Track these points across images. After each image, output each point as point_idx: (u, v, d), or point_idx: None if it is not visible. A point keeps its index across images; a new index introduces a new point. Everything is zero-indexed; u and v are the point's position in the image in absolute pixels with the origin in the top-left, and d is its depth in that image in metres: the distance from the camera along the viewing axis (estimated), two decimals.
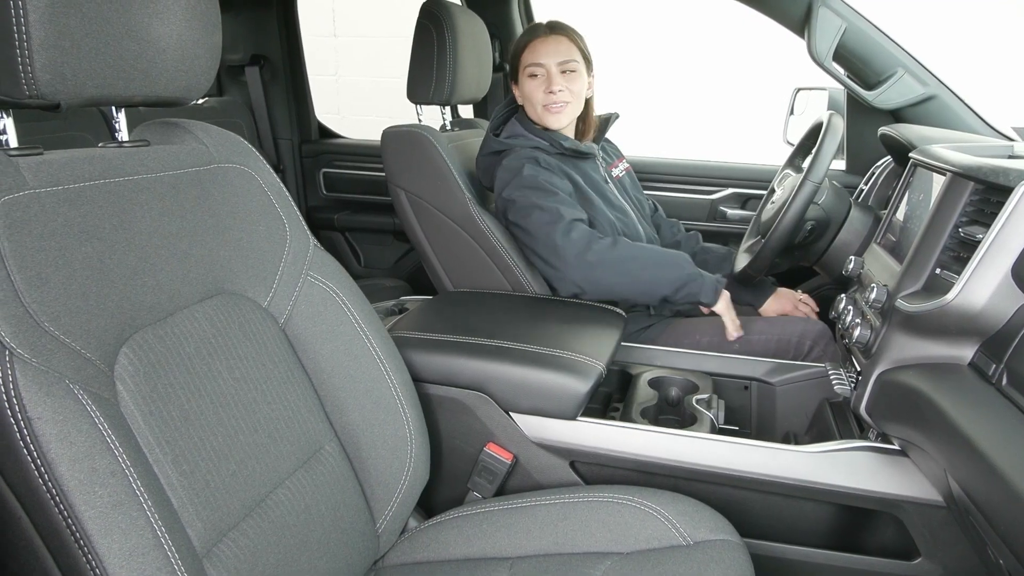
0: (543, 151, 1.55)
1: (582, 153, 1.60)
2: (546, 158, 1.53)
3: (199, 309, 0.81)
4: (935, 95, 1.69)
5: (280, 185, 0.99)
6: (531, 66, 1.55)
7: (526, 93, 1.57)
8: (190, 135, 0.90)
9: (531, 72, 1.55)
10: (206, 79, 0.86)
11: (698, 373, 1.34)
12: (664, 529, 0.95)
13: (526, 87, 1.57)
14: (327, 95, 4.39)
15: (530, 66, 1.55)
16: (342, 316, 0.98)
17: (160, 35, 0.77)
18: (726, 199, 2.15)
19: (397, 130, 1.60)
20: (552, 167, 1.52)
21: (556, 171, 1.52)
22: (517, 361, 1.10)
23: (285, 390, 0.88)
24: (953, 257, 0.93)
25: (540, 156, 1.53)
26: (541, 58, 1.54)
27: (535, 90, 1.55)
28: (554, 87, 1.54)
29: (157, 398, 0.71)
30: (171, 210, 0.81)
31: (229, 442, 0.78)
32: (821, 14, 1.64)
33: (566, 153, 1.58)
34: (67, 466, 0.58)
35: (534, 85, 1.55)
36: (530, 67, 1.55)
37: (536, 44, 1.55)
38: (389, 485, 0.99)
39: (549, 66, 1.54)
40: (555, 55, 1.54)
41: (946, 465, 0.84)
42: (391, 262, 2.62)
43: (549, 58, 1.54)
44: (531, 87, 1.56)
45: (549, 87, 1.54)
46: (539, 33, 1.56)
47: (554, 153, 1.57)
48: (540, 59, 1.54)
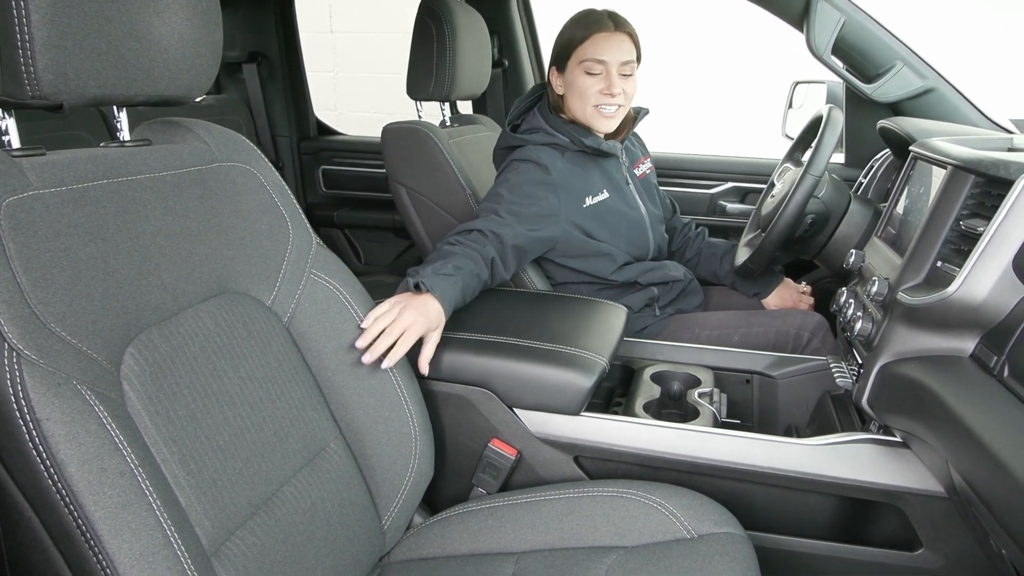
0: (561, 148, 1.48)
1: (603, 153, 1.52)
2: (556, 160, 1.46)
3: (203, 308, 0.81)
4: (933, 88, 1.69)
5: (282, 183, 0.99)
6: (590, 61, 1.43)
7: (579, 88, 1.45)
8: (192, 134, 0.90)
9: (589, 68, 1.44)
10: (207, 78, 0.86)
11: (700, 367, 1.35)
12: (668, 523, 0.96)
13: (580, 82, 1.45)
14: (324, 91, 4.39)
15: (589, 61, 1.43)
16: (345, 314, 0.98)
17: (162, 34, 0.77)
18: (725, 193, 2.15)
19: (397, 127, 1.60)
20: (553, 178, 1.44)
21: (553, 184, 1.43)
22: (521, 357, 1.10)
23: (290, 388, 0.89)
24: (954, 250, 0.93)
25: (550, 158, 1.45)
26: (604, 54, 1.43)
27: (590, 87, 1.45)
28: (614, 89, 1.44)
29: (163, 398, 0.71)
30: (174, 209, 0.81)
31: (235, 441, 0.78)
32: (820, 8, 1.64)
33: (587, 151, 1.50)
34: (76, 467, 0.59)
35: (590, 82, 1.44)
36: (589, 62, 1.43)
37: (599, 38, 1.43)
38: (394, 482, 0.99)
39: (611, 65, 1.44)
40: (619, 53, 1.44)
41: (948, 456, 0.84)
42: (391, 258, 2.62)
43: (612, 55, 1.43)
44: (587, 83, 1.45)
45: (609, 88, 1.44)
46: (604, 27, 1.44)
47: (574, 150, 1.50)
48: (603, 55, 1.43)
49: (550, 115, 1.52)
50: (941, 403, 0.83)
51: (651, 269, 1.58)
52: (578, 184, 1.49)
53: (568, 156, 1.49)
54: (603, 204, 1.51)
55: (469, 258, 1.23)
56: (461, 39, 1.65)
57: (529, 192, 1.41)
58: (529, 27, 2.30)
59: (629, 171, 1.63)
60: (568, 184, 1.46)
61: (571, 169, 1.48)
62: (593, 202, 1.50)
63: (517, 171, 1.44)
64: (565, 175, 1.46)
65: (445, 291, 1.12)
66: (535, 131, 1.51)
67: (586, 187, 1.50)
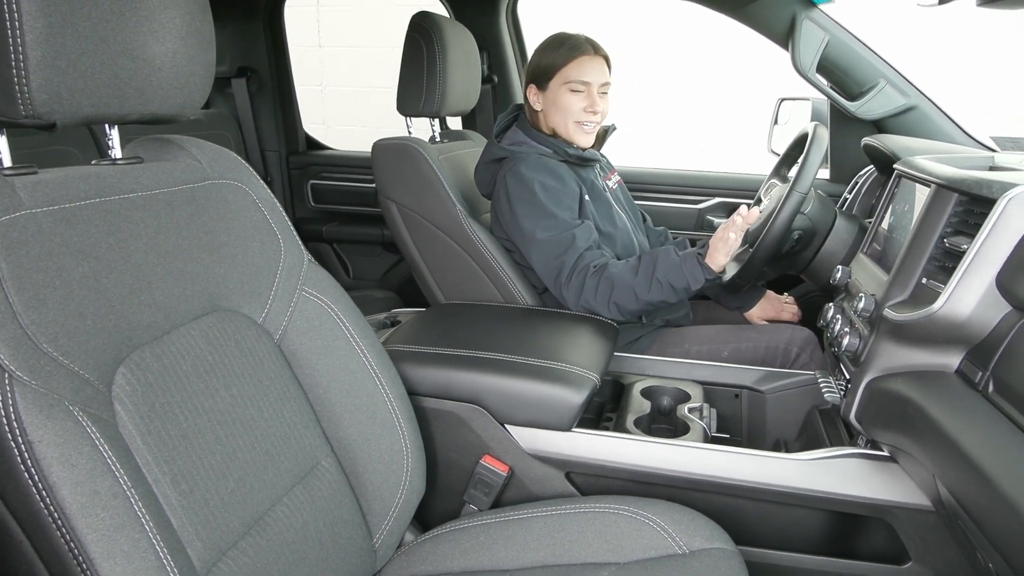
0: (546, 157, 1.55)
1: (585, 160, 1.61)
2: (554, 164, 1.53)
3: (195, 327, 0.81)
4: (915, 106, 1.73)
5: (274, 200, 0.99)
6: (575, 82, 1.54)
7: (562, 105, 1.56)
8: (184, 151, 0.90)
9: (573, 87, 1.54)
10: (201, 95, 0.86)
11: (689, 382, 1.36)
12: (660, 539, 0.96)
13: (564, 99, 1.55)
14: (312, 105, 4.40)
15: (574, 81, 1.54)
16: (337, 331, 0.98)
17: (155, 53, 0.77)
18: (713, 208, 2.17)
19: (388, 143, 1.60)
20: (562, 174, 1.52)
21: (567, 176, 1.53)
22: (512, 373, 1.11)
23: (282, 406, 0.88)
24: (938, 267, 0.94)
25: (549, 162, 1.53)
26: (587, 76, 1.54)
27: (574, 104, 1.55)
28: (596, 107, 1.55)
29: (155, 417, 0.71)
30: (166, 227, 0.81)
31: (227, 460, 0.78)
32: (805, 27, 1.68)
33: (570, 160, 1.59)
34: (69, 489, 0.58)
35: (574, 99, 1.55)
36: (573, 82, 1.54)
37: (583, 61, 1.54)
38: (386, 499, 0.99)
39: (593, 85, 1.54)
40: (599, 75, 1.55)
41: (935, 471, 0.85)
42: (380, 273, 2.62)
43: (594, 77, 1.54)
44: (571, 101, 1.55)
45: (592, 106, 1.55)
46: (585, 51, 1.55)
47: (557, 159, 1.57)
48: (586, 77, 1.54)
49: (530, 129, 1.61)
50: (928, 418, 0.84)
51: None
52: (573, 189, 1.55)
53: (557, 166, 1.55)
54: (591, 206, 1.58)
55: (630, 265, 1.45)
56: (451, 55, 1.66)
57: (561, 189, 1.50)
58: (518, 43, 2.32)
59: (604, 182, 1.71)
60: (570, 176, 1.55)
61: (566, 171, 1.55)
62: (586, 198, 1.58)
63: (533, 183, 1.49)
64: (566, 170, 1.55)
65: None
66: (520, 144, 1.58)
67: (577, 188, 1.57)
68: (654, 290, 1.40)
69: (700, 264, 1.40)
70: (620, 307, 1.42)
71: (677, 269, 1.40)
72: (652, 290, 1.40)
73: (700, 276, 1.40)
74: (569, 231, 1.46)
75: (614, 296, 1.41)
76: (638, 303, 1.41)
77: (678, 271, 1.40)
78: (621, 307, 1.42)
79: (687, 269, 1.40)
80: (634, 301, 1.41)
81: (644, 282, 1.40)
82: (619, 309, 1.42)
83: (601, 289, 1.41)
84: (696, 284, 1.40)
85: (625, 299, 1.41)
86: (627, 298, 1.41)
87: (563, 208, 1.48)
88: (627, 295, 1.41)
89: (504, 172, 1.54)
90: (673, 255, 1.42)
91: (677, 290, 1.40)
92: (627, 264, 1.45)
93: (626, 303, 1.41)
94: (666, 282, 1.39)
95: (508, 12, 2.25)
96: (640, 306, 1.42)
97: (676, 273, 1.40)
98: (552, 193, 1.48)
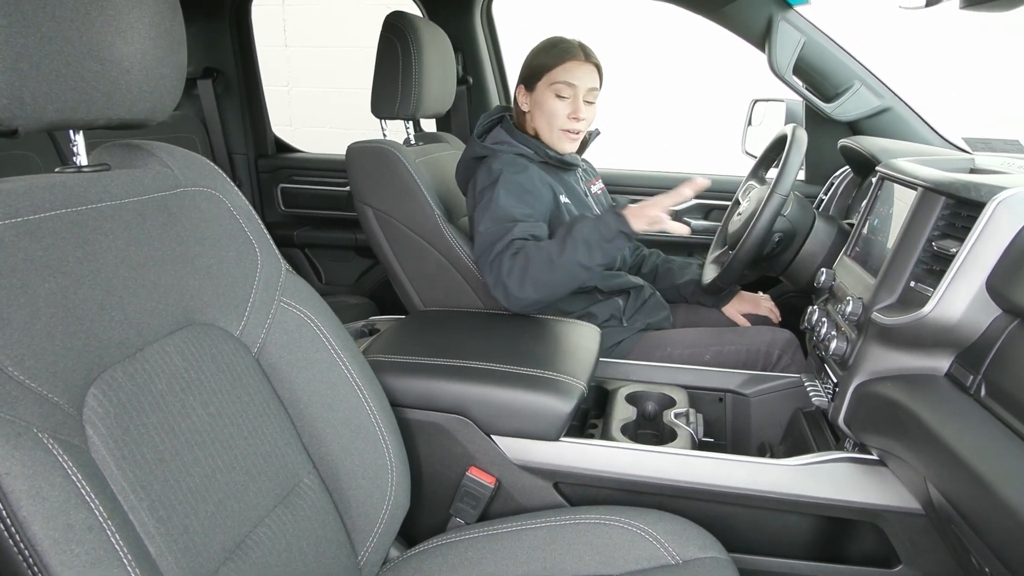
0: (527, 159, 1.54)
1: (566, 164, 1.60)
2: (529, 165, 1.51)
3: (169, 342, 0.77)
4: (890, 107, 1.74)
5: (249, 208, 0.95)
6: (562, 84, 1.50)
7: (548, 109, 1.53)
8: (154, 158, 0.86)
9: (559, 91, 1.51)
10: (171, 99, 0.82)
11: (673, 387, 1.34)
12: (652, 549, 0.94)
13: (549, 103, 1.52)
14: (279, 106, 4.32)
15: (561, 83, 1.50)
16: (317, 343, 0.95)
17: (124, 54, 0.73)
18: (690, 210, 2.17)
19: (363, 146, 1.56)
20: (534, 174, 1.50)
21: (538, 179, 1.50)
22: (498, 383, 1.08)
23: (261, 423, 0.85)
24: (926, 270, 0.94)
25: (523, 162, 1.51)
26: (575, 79, 1.50)
27: (559, 110, 1.52)
28: (580, 114, 1.52)
29: (129, 440, 0.67)
30: (137, 239, 0.77)
31: (206, 482, 0.74)
32: (781, 28, 1.68)
33: (550, 163, 1.57)
34: (41, 524, 0.54)
35: (560, 105, 1.52)
36: (560, 84, 1.50)
37: (571, 65, 1.51)
38: (370, 515, 0.96)
39: (579, 89, 1.51)
40: (587, 80, 1.52)
41: (928, 475, 0.85)
42: (353, 278, 2.57)
43: (581, 81, 1.51)
44: (556, 106, 1.52)
45: (575, 113, 1.52)
46: (575, 55, 1.51)
47: (538, 161, 1.56)
48: (573, 80, 1.50)
49: (514, 130, 1.59)
50: (919, 422, 0.84)
51: (611, 277, 1.62)
52: (544, 191, 1.53)
53: (533, 164, 1.54)
54: (571, 208, 1.56)
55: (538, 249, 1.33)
56: (426, 56, 1.63)
57: (529, 188, 1.46)
58: (493, 44, 2.30)
59: (586, 187, 1.70)
60: (544, 180, 1.53)
61: (540, 174, 1.53)
62: (564, 202, 1.56)
63: (504, 178, 1.46)
64: (539, 173, 1.53)
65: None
66: (501, 144, 1.56)
67: (556, 189, 1.56)
68: (568, 250, 1.29)
69: (616, 215, 1.30)
70: (536, 281, 1.30)
71: (592, 225, 1.31)
72: (567, 250, 1.29)
73: (614, 227, 1.29)
74: (512, 222, 1.38)
75: (530, 270, 1.30)
76: (552, 270, 1.29)
77: (593, 226, 1.30)
78: (537, 281, 1.30)
79: (603, 222, 1.30)
80: (548, 268, 1.29)
81: (558, 245, 1.30)
82: (534, 285, 1.30)
83: (517, 265, 1.31)
84: (609, 235, 1.29)
85: (539, 269, 1.29)
86: (541, 267, 1.29)
87: (521, 205, 1.42)
88: (542, 265, 1.29)
89: (479, 167, 1.52)
90: (588, 216, 1.35)
91: (591, 245, 1.29)
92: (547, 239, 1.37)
93: (540, 273, 1.29)
94: (581, 239, 1.29)
95: (483, 12, 2.23)
96: (556, 275, 1.29)
97: (590, 227, 1.30)
98: (513, 190, 1.44)
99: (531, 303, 1.33)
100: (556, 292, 1.33)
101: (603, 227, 1.30)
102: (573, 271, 1.30)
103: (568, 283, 1.32)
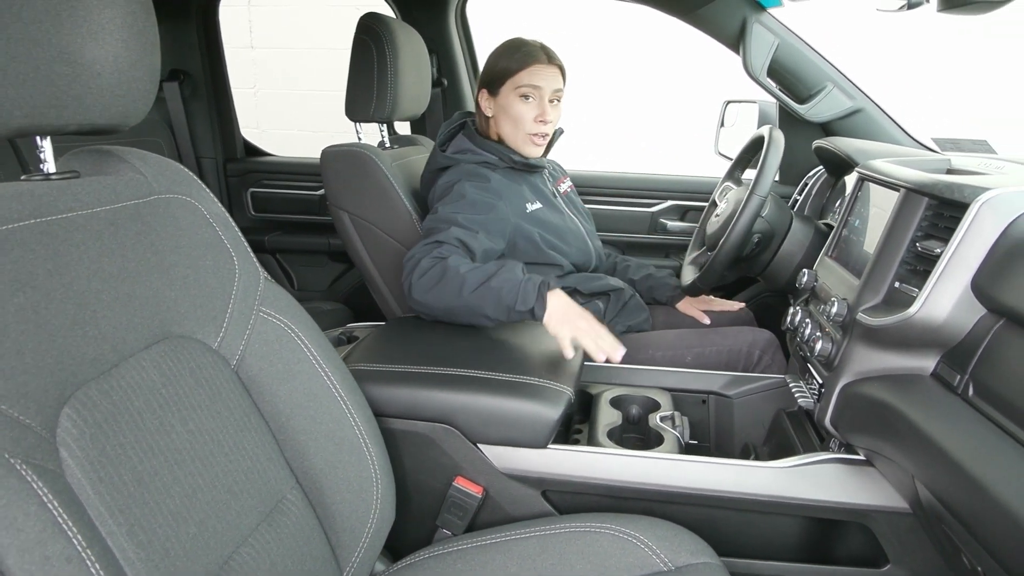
0: (491, 165, 1.52)
1: (532, 167, 1.58)
2: (491, 174, 1.49)
3: (146, 357, 0.74)
4: (861, 108, 1.77)
5: (226, 215, 0.92)
6: (527, 87, 1.49)
7: (514, 113, 1.51)
8: (125, 164, 0.83)
9: (525, 93, 1.49)
10: (145, 103, 0.79)
11: (657, 389, 1.34)
12: (645, 556, 0.93)
13: (515, 108, 1.51)
14: (246, 109, 4.25)
15: (526, 87, 1.49)
16: (299, 353, 0.92)
17: (95, 58, 0.70)
18: (666, 211, 2.17)
19: (338, 150, 1.53)
20: (495, 185, 1.47)
21: (495, 192, 1.46)
22: (484, 390, 1.06)
23: (243, 438, 0.82)
24: (910, 271, 0.95)
25: (485, 172, 1.49)
26: (540, 82, 1.49)
27: (525, 113, 1.51)
28: (547, 116, 1.51)
29: (106, 462, 0.64)
30: (110, 249, 0.74)
31: (187, 503, 0.71)
32: (755, 31, 1.69)
33: (515, 167, 1.56)
34: (16, 557, 0.51)
35: (526, 108, 1.50)
36: (525, 87, 1.49)
37: (536, 68, 1.49)
38: (355, 530, 0.93)
39: (544, 91, 1.50)
40: (552, 82, 1.51)
41: (918, 475, 0.85)
42: (326, 284, 2.53)
43: (546, 83, 1.50)
44: (522, 109, 1.50)
45: (542, 115, 1.51)
46: (539, 58, 1.50)
47: (503, 167, 1.54)
48: (538, 82, 1.49)
49: (476, 136, 1.57)
50: (909, 422, 0.84)
51: (590, 279, 1.61)
52: (515, 192, 1.53)
53: (499, 172, 1.53)
54: (540, 212, 1.55)
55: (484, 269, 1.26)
56: (402, 58, 1.60)
57: (478, 200, 1.42)
58: (467, 46, 2.28)
59: (554, 187, 1.69)
60: (507, 192, 1.50)
61: (504, 182, 1.51)
62: (532, 208, 1.54)
63: (460, 187, 1.44)
64: (503, 184, 1.50)
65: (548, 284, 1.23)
66: (464, 152, 1.54)
67: (523, 196, 1.54)
68: (480, 292, 1.21)
69: (539, 294, 1.20)
70: (439, 298, 1.23)
71: (514, 284, 1.21)
72: (479, 292, 1.21)
73: (531, 302, 1.19)
74: (448, 224, 1.34)
75: (440, 285, 1.23)
76: (458, 299, 1.22)
77: (513, 286, 1.21)
78: (440, 298, 1.23)
79: (524, 289, 1.21)
80: (455, 295, 1.22)
81: (475, 281, 1.22)
82: (437, 299, 1.23)
83: (433, 272, 1.24)
84: (522, 307, 1.20)
85: (447, 290, 1.22)
86: (450, 290, 1.22)
87: (467, 212, 1.38)
88: (452, 288, 1.22)
89: (439, 179, 1.50)
90: (519, 270, 1.26)
91: (501, 303, 1.21)
92: (473, 263, 1.29)
93: (445, 294, 1.23)
94: (496, 289, 1.21)
95: (457, 13, 2.21)
96: (458, 303, 1.22)
97: (511, 286, 1.21)
98: (464, 203, 1.39)
99: (426, 312, 1.29)
100: (453, 318, 1.27)
101: (522, 295, 1.20)
102: (473, 312, 1.24)
103: (465, 318, 1.26)
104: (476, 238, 1.35)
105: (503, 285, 1.21)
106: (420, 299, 1.26)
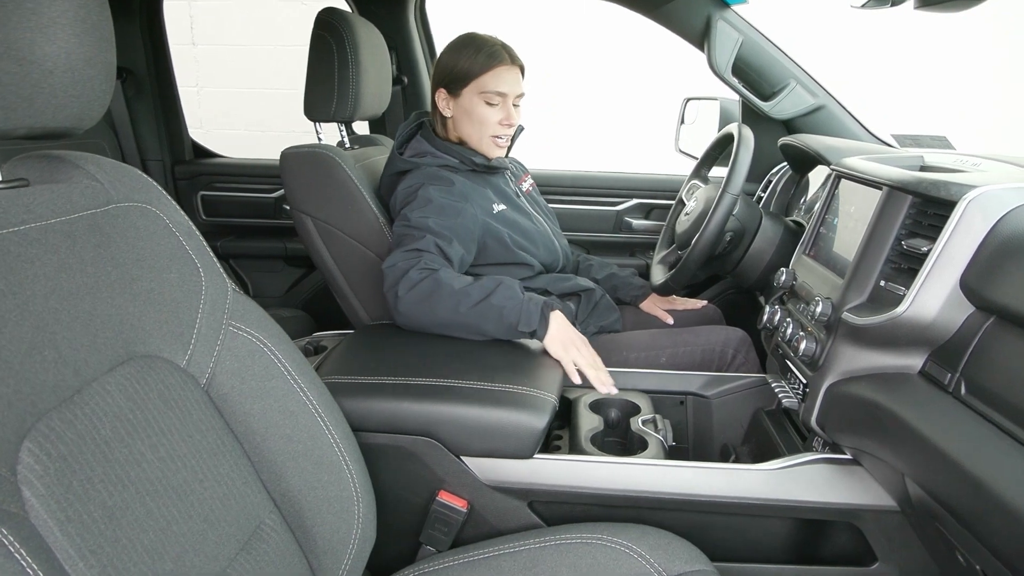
0: (452, 168, 1.48)
1: (494, 168, 1.55)
2: (453, 176, 1.45)
3: (110, 380, 0.67)
4: (823, 105, 1.78)
5: (189, 223, 0.86)
6: (492, 93, 1.45)
7: (478, 117, 1.47)
8: (79, 170, 0.76)
9: (490, 99, 1.46)
10: (101, 104, 0.72)
11: (635, 392, 1.32)
12: (639, 566, 0.91)
13: (479, 111, 1.47)
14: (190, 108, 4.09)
15: (491, 93, 1.45)
16: (272, 369, 0.87)
17: (46, 55, 0.64)
18: (631, 210, 2.16)
19: (298, 151, 1.47)
20: (458, 188, 1.44)
21: (460, 194, 1.43)
22: (466, 401, 1.02)
23: (216, 463, 0.76)
24: (896, 269, 0.95)
25: (446, 175, 1.45)
26: (505, 87, 1.46)
27: (490, 117, 1.47)
28: (512, 120, 1.49)
29: (73, 499, 0.58)
30: (68, 264, 0.67)
31: (162, 537, 0.65)
32: (720, 28, 1.69)
33: (476, 169, 1.52)
34: None
35: (491, 112, 1.47)
36: (490, 94, 1.45)
37: (502, 71, 1.45)
38: (337, 552, 0.88)
39: (509, 97, 1.47)
40: (516, 86, 1.48)
41: (910, 473, 0.85)
42: (283, 290, 2.44)
43: (511, 88, 1.47)
44: (487, 113, 1.47)
45: (507, 119, 1.48)
46: (503, 60, 1.46)
47: (465, 170, 1.50)
48: (504, 88, 1.46)
49: (435, 138, 1.52)
50: (901, 422, 0.84)
51: (560, 280, 1.59)
52: (480, 195, 1.49)
53: (461, 174, 1.49)
54: (505, 213, 1.52)
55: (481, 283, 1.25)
56: (363, 55, 1.54)
57: (446, 204, 1.38)
58: (428, 43, 2.23)
59: (516, 186, 1.66)
60: (472, 194, 1.47)
61: (468, 184, 1.48)
62: (499, 210, 1.51)
63: (425, 191, 1.40)
64: (467, 186, 1.47)
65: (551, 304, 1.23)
66: (423, 155, 1.50)
67: (487, 198, 1.51)
68: (479, 310, 1.20)
69: (543, 315, 1.21)
70: (432, 312, 1.21)
71: (517, 303, 1.21)
72: (478, 308, 1.20)
73: (534, 323, 1.20)
74: (423, 231, 1.31)
75: (433, 300, 1.21)
76: (454, 315, 1.20)
77: (516, 305, 1.21)
78: (433, 313, 1.21)
79: (527, 309, 1.21)
80: (451, 311, 1.20)
81: (475, 298, 1.20)
82: (429, 314, 1.21)
83: (423, 286, 1.21)
84: (524, 328, 1.20)
85: (441, 306, 1.20)
86: (445, 305, 1.20)
87: (437, 217, 1.35)
88: (448, 304, 1.20)
89: (400, 183, 1.46)
90: (518, 288, 1.25)
91: (502, 321, 1.20)
92: (464, 277, 1.27)
93: (439, 309, 1.20)
94: (498, 307, 1.20)
95: (416, 9, 2.15)
96: (454, 319, 1.20)
97: (513, 305, 1.20)
98: (431, 208, 1.36)
99: (414, 326, 1.25)
100: (443, 332, 1.24)
101: (526, 315, 1.20)
102: (470, 328, 1.22)
103: (459, 332, 1.23)
104: (452, 246, 1.33)
105: (505, 304, 1.21)
106: (408, 312, 1.23)
